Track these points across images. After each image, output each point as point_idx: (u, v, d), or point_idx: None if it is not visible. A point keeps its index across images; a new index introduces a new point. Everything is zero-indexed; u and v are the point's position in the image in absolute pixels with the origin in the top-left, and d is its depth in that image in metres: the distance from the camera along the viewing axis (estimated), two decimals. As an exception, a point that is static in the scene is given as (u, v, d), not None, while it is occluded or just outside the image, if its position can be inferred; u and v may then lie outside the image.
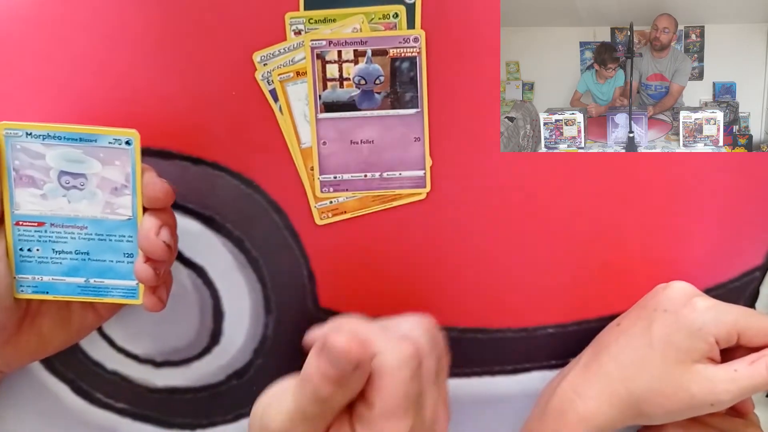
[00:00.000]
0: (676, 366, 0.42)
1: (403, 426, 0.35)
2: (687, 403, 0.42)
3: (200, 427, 0.49)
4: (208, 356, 0.48)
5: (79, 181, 0.41)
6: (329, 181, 0.45)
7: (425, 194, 0.46)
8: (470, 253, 0.47)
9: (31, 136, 0.40)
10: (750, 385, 0.41)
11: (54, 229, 0.42)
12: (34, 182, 0.41)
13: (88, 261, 0.42)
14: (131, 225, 0.42)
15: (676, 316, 0.43)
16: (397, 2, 0.43)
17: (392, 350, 0.35)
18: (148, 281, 0.41)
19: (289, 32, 0.43)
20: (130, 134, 0.40)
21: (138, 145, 0.41)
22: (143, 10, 0.43)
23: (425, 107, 0.45)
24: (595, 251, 0.47)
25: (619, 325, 0.46)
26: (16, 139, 0.40)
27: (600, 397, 0.44)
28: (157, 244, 0.40)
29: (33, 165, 0.41)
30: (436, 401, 0.38)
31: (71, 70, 0.43)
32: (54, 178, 0.41)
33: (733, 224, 0.48)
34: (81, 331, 0.45)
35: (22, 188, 0.41)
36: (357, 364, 0.33)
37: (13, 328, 0.42)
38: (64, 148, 0.40)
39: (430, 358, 0.37)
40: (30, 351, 0.43)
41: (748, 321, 0.43)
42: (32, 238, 0.42)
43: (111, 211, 0.41)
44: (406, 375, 0.35)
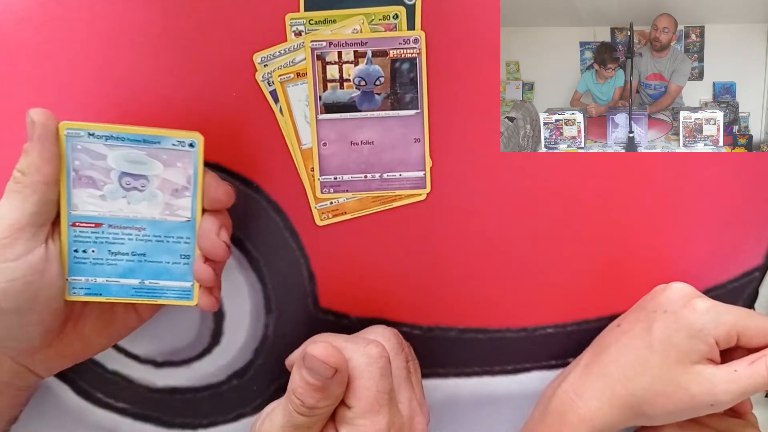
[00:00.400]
0: (676, 367, 0.42)
1: (381, 420, 0.39)
2: (687, 403, 0.42)
3: (201, 427, 0.49)
4: (208, 356, 0.48)
5: (140, 183, 0.41)
6: (329, 182, 0.45)
7: (425, 195, 0.46)
8: (470, 253, 0.47)
9: (93, 136, 0.40)
10: (750, 385, 0.42)
11: (111, 230, 0.41)
12: (93, 183, 0.41)
13: (144, 262, 0.42)
14: (190, 227, 0.42)
15: (676, 317, 0.43)
16: (397, 3, 0.43)
17: (361, 352, 0.40)
18: (207, 281, 0.42)
19: (290, 33, 0.43)
20: (194, 136, 0.41)
21: (201, 147, 0.41)
22: (143, 10, 0.43)
23: (425, 108, 0.45)
24: (595, 251, 0.47)
25: (620, 326, 0.46)
26: (77, 139, 0.40)
27: (600, 398, 0.44)
28: (218, 244, 0.41)
29: (93, 166, 0.40)
30: (411, 399, 0.42)
31: (71, 70, 0.43)
32: (114, 179, 0.41)
33: (732, 224, 0.48)
34: (122, 332, 0.45)
35: (81, 189, 0.41)
36: (335, 368, 0.38)
37: (58, 330, 0.42)
38: (126, 150, 0.40)
39: (397, 358, 0.42)
40: (72, 353, 0.43)
41: (748, 322, 0.43)
42: (88, 240, 0.41)
43: (170, 213, 0.41)
44: (376, 372, 0.40)
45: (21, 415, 0.46)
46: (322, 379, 0.38)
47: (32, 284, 0.39)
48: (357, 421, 0.39)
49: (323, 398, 0.38)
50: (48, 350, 0.42)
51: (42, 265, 0.39)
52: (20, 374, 0.43)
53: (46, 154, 0.39)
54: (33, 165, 0.39)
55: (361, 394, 0.39)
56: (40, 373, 0.43)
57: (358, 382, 0.39)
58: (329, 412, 0.40)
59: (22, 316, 0.39)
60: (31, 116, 0.39)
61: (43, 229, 0.40)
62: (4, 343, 0.41)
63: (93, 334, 0.44)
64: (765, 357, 0.42)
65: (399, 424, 0.40)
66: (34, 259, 0.39)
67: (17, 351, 0.41)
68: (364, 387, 0.39)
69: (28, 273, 0.39)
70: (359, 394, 0.39)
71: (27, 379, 0.43)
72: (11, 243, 0.38)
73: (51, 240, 0.40)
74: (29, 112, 0.39)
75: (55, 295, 0.40)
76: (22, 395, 0.45)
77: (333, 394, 0.39)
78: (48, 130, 0.39)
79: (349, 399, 0.40)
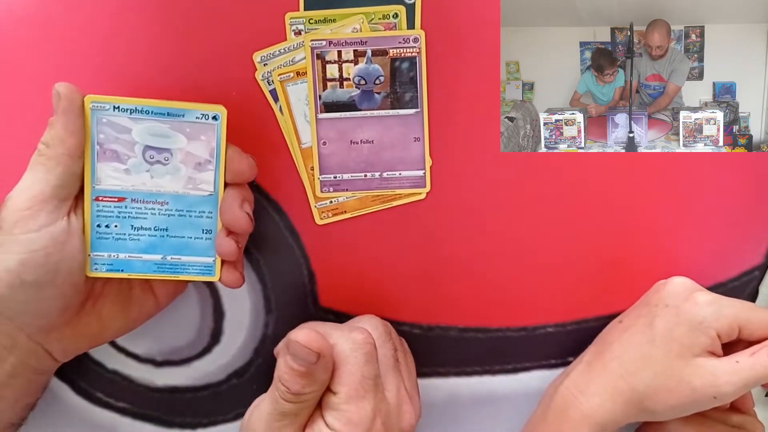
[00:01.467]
0: (677, 360, 0.42)
1: (366, 405, 0.40)
2: (689, 396, 0.42)
3: (201, 426, 0.49)
4: (208, 355, 0.48)
5: (163, 156, 0.41)
6: (329, 181, 0.45)
7: (425, 194, 0.46)
8: (469, 252, 0.47)
9: (118, 109, 0.40)
10: (752, 376, 0.41)
11: (134, 204, 0.41)
12: (117, 157, 0.40)
13: (166, 237, 0.42)
14: (212, 201, 0.42)
15: (678, 310, 0.43)
16: (397, 2, 0.43)
17: (346, 338, 0.40)
18: (230, 255, 0.42)
19: (289, 32, 0.43)
20: (218, 109, 0.40)
21: (224, 120, 0.41)
22: (142, 9, 0.43)
23: (425, 107, 0.45)
24: (595, 251, 0.47)
25: (621, 323, 0.46)
26: (102, 112, 0.40)
27: (603, 394, 0.44)
28: (241, 216, 0.41)
29: (118, 139, 0.40)
30: (399, 387, 0.42)
31: (70, 69, 0.43)
32: (138, 152, 0.41)
33: (732, 224, 0.48)
34: (139, 317, 0.45)
35: (105, 163, 0.40)
36: (318, 353, 0.38)
37: (76, 307, 0.42)
38: (151, 123, 0.40)
39: (384, 347, 0.42)
40: (88, 335, 0.43)
41: (749, 315, 0.43)
42: (111, 214, 0.41)
43: (193, 187, 0.41)
44: (361, 358, 0.40)
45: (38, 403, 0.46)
46: (306, 365, 0.38)
47: (53, 256, 0.39)
48: (342, 406, 0.40)
49: (308, 384, 0.38)
50: (65, 329, 0.42)
51: (64, 237, 0.39)
52: (36, 354, 0.42)
53: (71, 127, 0.39)
54: (57, 137, 0.39)
55: (346, 380, 0.40)
56: (56, 356, 0.43)
57: (344, 367, 0.40)
58: (316, 398, 0.40)
59: (42, 290, 0.39)
60: (57, 89, 0.39)
61: (65, 203, 0.40)
62: (22, 318, 0.40)
63: (110, 316, 0.43)
64: (767, 347, 0.42)
65: (385, 410, 0.40)
66: (56, 231, 0.39)
67: (34, 327, 0.41)
68: (349, 372, 0.40)
69: (50, 245, 0.39)
70: (344, 379, 0.40)
71: (43, 361, 0.43)
72: (33, 214, 0.38)
73: (74, 214, 0.40)
74: (55, 86, 0.39)
75: (75, 269, 0.40)
76: (39, 380, 0.44)
77: (318, 379, 0.39)
78: (73, 103, 0.39)
79: (334, 385, 0.40)
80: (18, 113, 0.44)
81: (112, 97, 0.40)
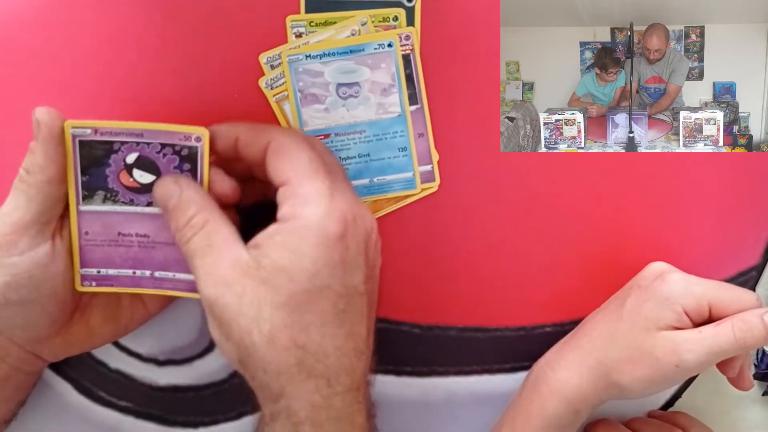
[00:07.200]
0: (642, 333, 0.43)
1: (324, 182, 0.38)
2: (653, 366, 0.42)
3: (203, 425, 0.49)
4: (210, 354, 0.48)
5: (354, 90, 0.44)
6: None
7: (437, 187, 0.46)
8: (469, 252, 0.47)
9: (309, 57, 0.43)
10: (715, 344, 0.41)
11: (338, 138, 0.44)
12: (317, 99, 0.43)
13: (369, 162, 0.45)
14: (401, 120, 0.44)
15: (647, 289, 0.44)
16: (397, 5, 0.43)
17: (282, 131, 0.40)
18: None
19: (290, 35, 0.43)
20: (391, 36, 0.43)
21: (399, 46, 0.43)
22: (146, 12, 0.43)
23: (425, 103, 0.45)
24: (594, 251, 0.47)
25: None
26: (297, 62, 0.43)
27: (571, 368, 0.44)
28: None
29: (314, 83, 0.43)
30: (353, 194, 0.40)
31: (74, 72, 0.43)
32: (333, 91, 0.43)
33: (731, 224, 0.48)
34: (129, 325, 0.45)
35: (308, 106, 0.44)
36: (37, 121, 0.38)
37: (65, 320, 0.42)
38: (338, 62, 0.43)
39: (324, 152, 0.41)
40: (78, 342, 0.44)
41: (720, 293, 0.43)
42: None
43: (383, 111, 0.44)
44: (303, 145, 0.38)
45: (26, 403, 0.47)
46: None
47: (36, 278, 0.39)
48: (297, 191, 0.37)
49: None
50: (55, 338, 0.43)
51: (47, 259, 0.40)
52: (27, 360, 0.43)
53: (51, 154, 0.39)
54: (37, 165, 0.39)
55: (294, 165, 0.38)
56: (47, 359, 0.44)
57: (286, 155, 0.38)
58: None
59: (27, 308, 0.40)
60: (36, 117, 0.39)
61: (48, 226, 0.40)
62: (11, 331, 0.41)
63: (99, 325, 0.44)
64: (731, 319, 0.42)
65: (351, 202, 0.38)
66: (39, 254, 0.39)
67: (24, 339, 0.42)
68: (293, 157, 0.38)
69: (32, 267, 0.39)
70: (292, 164, 0.38)
71: (34, 364, 0.44)
72: (15, 240, 0.39)
73: (59, 235, 0.41)
74: (35, 112, 0.39)
75: (59, 287, 0.41)
76: (30, 379, 0.45)
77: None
78: (53, 131, 0.39)
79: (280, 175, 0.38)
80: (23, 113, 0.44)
81: (92, 122, 0.40)
